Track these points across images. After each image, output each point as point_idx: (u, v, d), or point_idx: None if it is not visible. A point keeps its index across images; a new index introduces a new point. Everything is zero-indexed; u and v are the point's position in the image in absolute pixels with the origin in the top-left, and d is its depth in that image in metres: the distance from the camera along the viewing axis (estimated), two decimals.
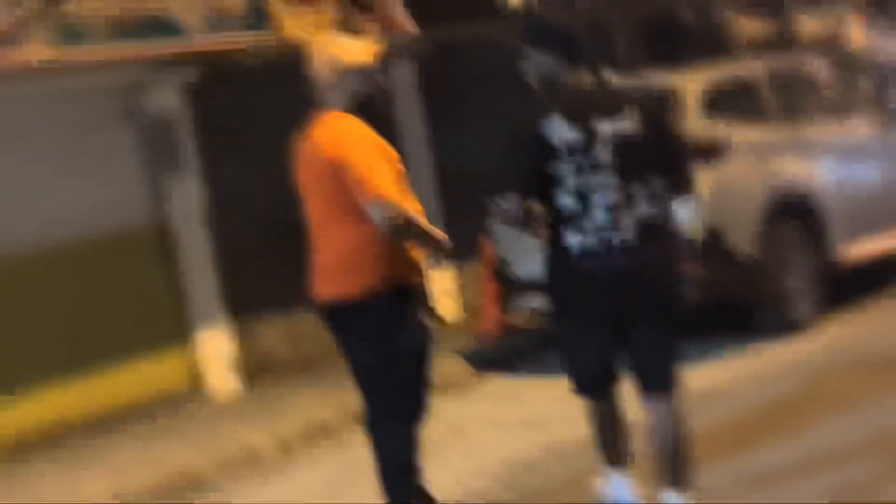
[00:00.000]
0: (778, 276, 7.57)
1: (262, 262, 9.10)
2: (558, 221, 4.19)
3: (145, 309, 8.51)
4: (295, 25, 8.30)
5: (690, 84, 7.73)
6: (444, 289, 10.07)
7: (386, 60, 4.34)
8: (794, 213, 7.75)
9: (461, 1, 9.63)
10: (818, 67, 8.74)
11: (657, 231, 4.16)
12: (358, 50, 4.27)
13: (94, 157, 8.26)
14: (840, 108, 8.62)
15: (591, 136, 4.09)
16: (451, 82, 10.55)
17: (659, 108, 4.50)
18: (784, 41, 12.01)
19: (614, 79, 4.37)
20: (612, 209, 4.09)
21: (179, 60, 8.30)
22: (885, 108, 8.95)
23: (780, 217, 7.62)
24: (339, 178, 4.08)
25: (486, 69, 10.58)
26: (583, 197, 4.10)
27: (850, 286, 8.27)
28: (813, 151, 8.12)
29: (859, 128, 8.70)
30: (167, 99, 8.66)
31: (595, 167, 4.09)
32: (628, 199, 4.10)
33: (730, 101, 8.00)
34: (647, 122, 4.13)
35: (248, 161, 9.22)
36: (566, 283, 4.26)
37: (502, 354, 8.64)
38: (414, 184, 4.46)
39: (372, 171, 4.03)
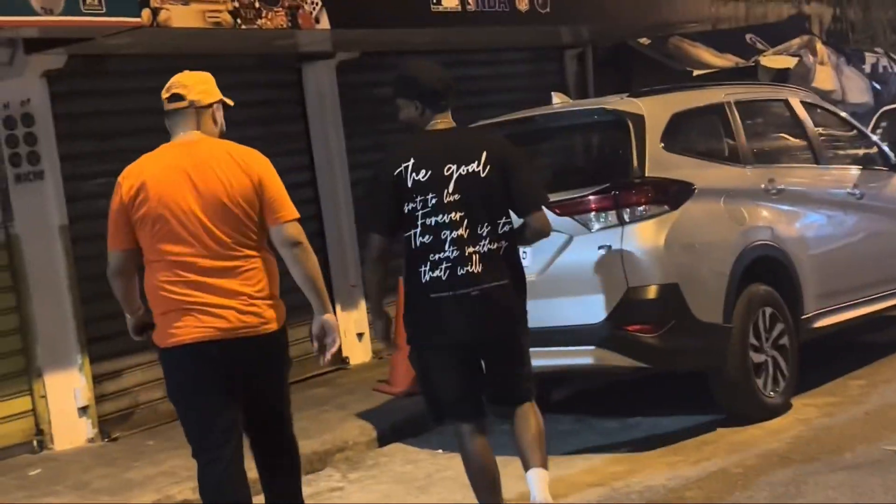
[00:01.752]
0: (746, 345, 6.28)
1: None
2: (413, 256, 4.59)
3: None
4: (187, 14, 6.86)
5: (653, 110, 6.42)
6: (353, 326, 8.75)
7: None
8: (767, 274, 6.50)
9: (389, 1, 8.21)
10: (793, 102, 7.51)
11: (500, 263, 4.61)
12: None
13: None
14: (817, 151, 7.41)
15: (441, 178, 4.50)
16: (372, 90, 9.22)
17: (507, 152, 4.71)
18: (747, 76, 10.86)
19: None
20: (459, 244, 4.52)
21: (39, 41, 6.83)
22: (861, 154, 7.79)
23: (752, 278, 6.36)
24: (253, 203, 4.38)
25: None
26: (433, 233, 4.51)
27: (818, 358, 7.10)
28: (790, 202, 6.88)
29: (838, 175, 7.51)
30: (24, 88, 7.15)
31: (444, 206, 4.51)
32: (474, 235, 4.53)
33: (696, 135, 6.77)
34: (495, 165, 4.56)
35: (121, 165, 7.73)
36: (420, 313, 4.65)
37: (414, 416, 7.28)
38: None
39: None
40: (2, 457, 7.07)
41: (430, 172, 4.48)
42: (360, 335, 9.12)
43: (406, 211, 4.53)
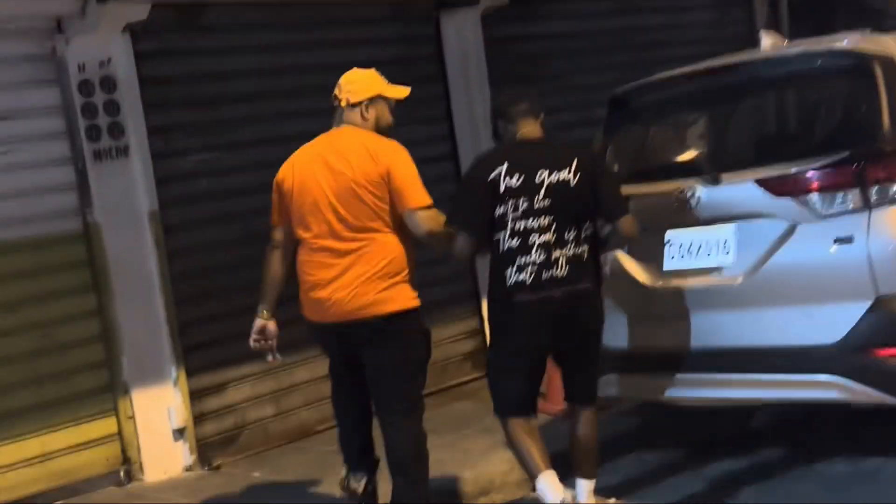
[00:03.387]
0: None
1: (238, 289, 6.39)
2: (500, 259, 4.68)
3: (55, 356, 5.86)
4: None
5: None
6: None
7: None
8: None
9: None
10: None
11: (585, 266, 4.65)
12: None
13: None
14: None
15: (532, 184, 4.59)
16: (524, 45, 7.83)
17: (595, 161, 4.75)
18: None
19: None
20: (546, 248, 4.57)
21: None
22: None
23: None
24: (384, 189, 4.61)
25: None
26: (522, 237, 4.59)
27: None
28: None
29: None
30: (102, 46, 5.92)
31: (534, 211, 4.59)
32: (561, 240, 4.59)
33: None
34: (584, 173, 4.61)
35: (223, 138, 6.48)
36: (504, 315, 4.73)
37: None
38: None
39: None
40: (82, 490, 5.90)
41: (522, 177, 4.58)
42: None
43: (497, 214, 4.62)
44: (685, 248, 5.04)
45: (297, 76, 6.78)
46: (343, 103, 4.76)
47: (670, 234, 5.10)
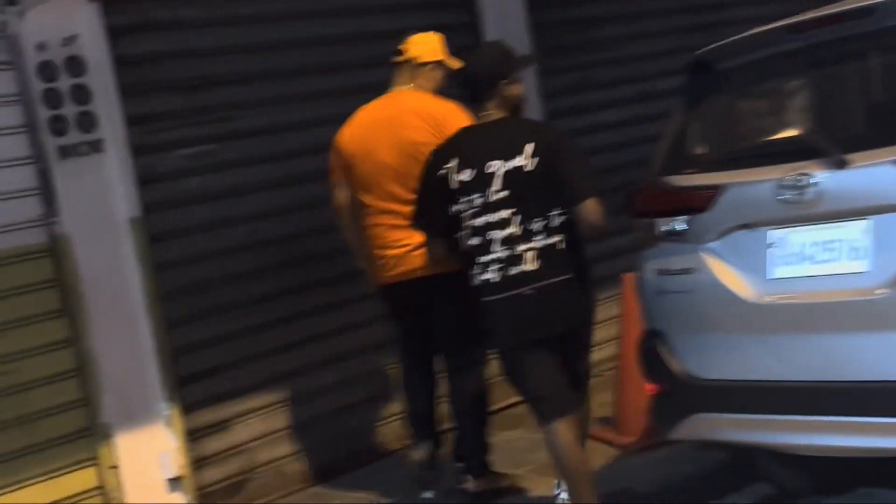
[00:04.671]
0: None
1: (241, 306, 5.40)
2: (466, 259, 4.41)
3: (19, 397, 4.84)
4: None
5: None
6: None
7: None
8: None
9: None
10: None
11: (562, 257, 4.28)
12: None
13: None
14: None
15: (484, 177, 4.29)
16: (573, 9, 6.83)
17: (553, 140, 4.33)
18: None
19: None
20: (510, 243, 4.26)
21: None
22: None
23: None
24: None
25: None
26: (481, 234, 4.30)
27: None
28: None
29: None
30: (65, 19, 4.87)
31: (491, 205, 4.28)
32: (527, 232, 4.25)
33: None
34: (541, 156, 4.27)
35: (219, 127, 5.45)
36: (482, 317, 4.45)
37: (660, 488, 4.93)
38: None
39: None
40: None
41: (474, 171, 4.32)
42: None
43: (454, 212, 4.38)
44: (799, 252, 3.89)
45: (304, 51, 5.73)
46: (415, 60, 4.83)
47: (777, 234, 3.96)
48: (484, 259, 4.28)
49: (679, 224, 4.15)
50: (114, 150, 5.03)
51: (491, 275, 4.28)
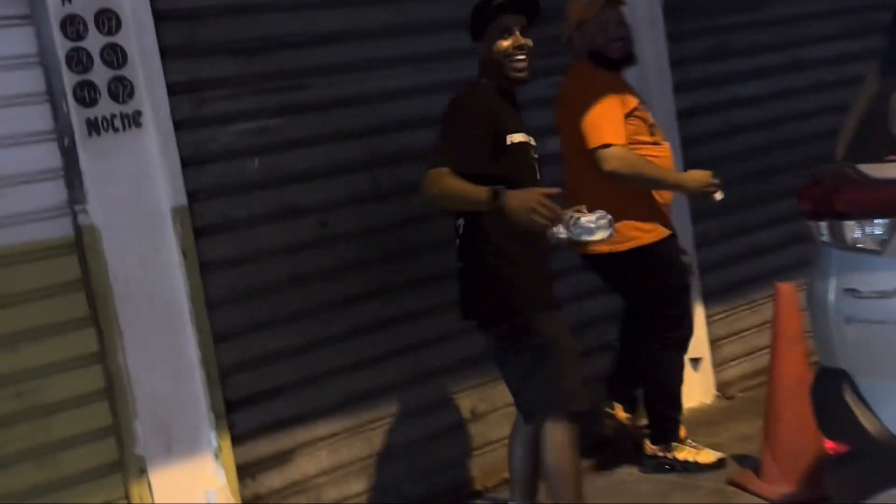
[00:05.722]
0: None
1: (303, 316, 4.58)
2: None
3: (37, 423, 4.02)
4: None
5: None
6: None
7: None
8: None
9: None
10: None
11: (462, 243, 4.11)
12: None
13: None
14: None
15: None
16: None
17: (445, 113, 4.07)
18: None
19: None
20: None
21: None
22: None
23: None
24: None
25: None
26: None
27: None
28: None
29: None
30: None
31: None
32: None
33: None
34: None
35: (282, 98, 4.58)
36: None
37: None
38: None
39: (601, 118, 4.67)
40: None
41: None
42: (694, 361, 5.66)
43: None
44: None
45: (391, 7, 4.81)
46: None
47: None
48: None
49: (879, 229, 3.11)
50: (153, 124, 4.16)
51: None
